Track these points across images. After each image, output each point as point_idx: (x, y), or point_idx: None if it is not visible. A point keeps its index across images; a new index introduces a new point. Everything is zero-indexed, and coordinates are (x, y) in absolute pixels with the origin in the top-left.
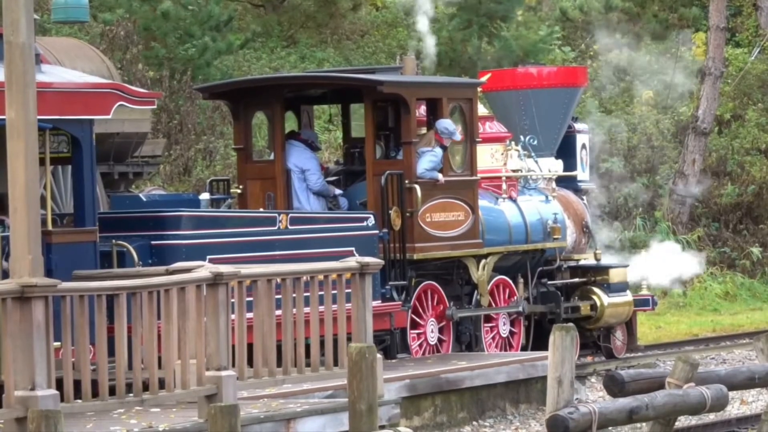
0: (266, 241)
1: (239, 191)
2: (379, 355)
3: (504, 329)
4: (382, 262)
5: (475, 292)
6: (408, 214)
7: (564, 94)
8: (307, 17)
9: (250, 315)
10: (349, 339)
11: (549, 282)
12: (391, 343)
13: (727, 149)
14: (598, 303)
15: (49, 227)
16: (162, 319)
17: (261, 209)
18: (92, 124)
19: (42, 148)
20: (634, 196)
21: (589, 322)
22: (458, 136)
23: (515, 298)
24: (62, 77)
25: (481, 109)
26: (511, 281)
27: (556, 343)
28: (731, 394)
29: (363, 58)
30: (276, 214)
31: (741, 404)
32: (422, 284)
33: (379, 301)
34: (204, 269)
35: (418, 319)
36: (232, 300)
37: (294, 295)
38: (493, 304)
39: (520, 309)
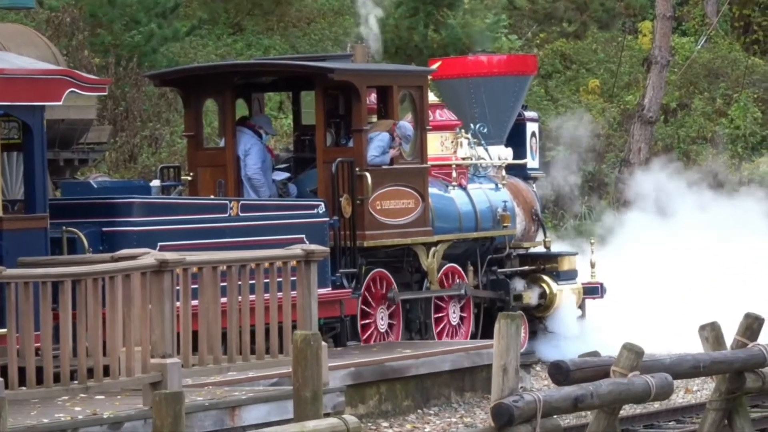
0: (217, 228)
1: (189, 178)
2: (324, 343)
3: (454, 317)
4: (327, 249)
5: (425, 279)
6: (358, 202)
7: (514, 83)
8: (254, 4)
9: (195, 302)
10: (294, 327)
11: (498, 270)
12: (341, 331)
13: (673, 138)
14: (548, 291)
15: (0, 214)
16: (107, 306)
17: (211, 196)
18: (43, 110)
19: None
20: (579, 185)
21: (539, 310)
22: (407, 148)
23: (457, 281)
24: (13, 63)
25: (432, 97)
26: (461, 269)
27: (501, 331)
28: (676, 382)
29: (309, 46)
30: (227, 202)
31: (686, 393)
32: (372, 272)
33: (329, 289)
34: (149, 256)
35: (367, 308)
36: (177, 287)
37: (239, 282)
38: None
39: (462, 292)
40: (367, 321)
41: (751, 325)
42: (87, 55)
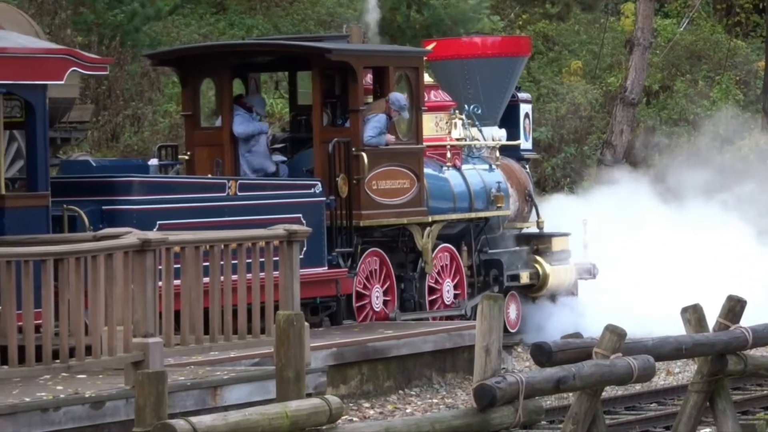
0: (216, 207)
1: (187, 158)
2: (306, 323)
3: (448, 296)
4: (309, 229)
5: (420, 259)
6: (355, 182)
7: (507, 64)
8: None
9: (177, 282)
10: (277, 307)
11: (492, 250)
12: (337, 310)
13: (655, 120)
14: (541, 271)
15: (2, 191)
16: (89, 285)
17: (209, 176)
18: (45, 89)
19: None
20: (561, 166)
21: (532, 290)
22: (407, 115)
23: (458, 300)
24: (16, 42)
25: (426, 78)
26: (455, 249)
27: (483, 312)
28: (658, 364)
29: (292, 26)
30: (225, 181)
31: (667, 375)
32: (368, 251)
33: (326, 268)
34: (131, 236)
35: (362, 290)
36: (160, 267)
37: (222, 262)
38: (438, 271)
39: (462, 312)
40: (362, 301)
41: (733, 308)
42: (70, 33)
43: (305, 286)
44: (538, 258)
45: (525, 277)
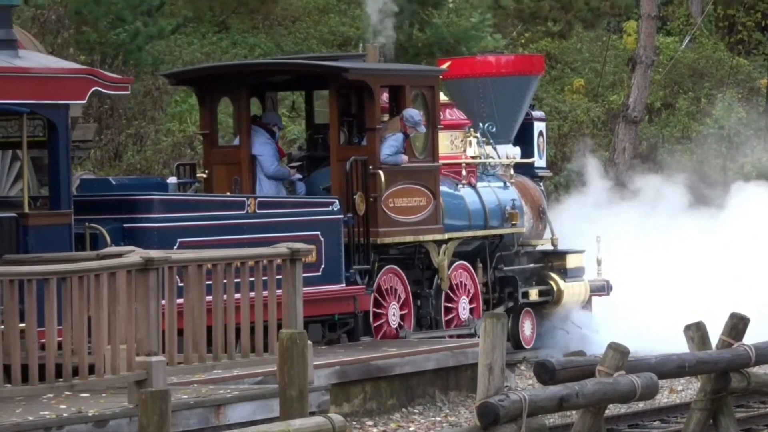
0: (235, 224)
1: (205, 176)
2: (309, 342)
3: (463, 313)
4: (312, 247)
5: (436, 276)
6: (372, 200)
7: (521, 82)
8: (239, 3)
9: (180, 300)
10: (280, 325)
11: (507, 267)
12: (355, 326)
13: (657, 138)
14: (555, 288)
15: (26, 210)
16: (92, 304)
17: (228, 193)
18: (68, 108)
19: (19, 132)
20: (564, 184)
21: (546, 306)
22: (422, 129)
23: (468, 318)
24: (39, 62)
25: (441, 97)
26: (470, 266)
27: (486, 330)
28: (661, 382)
29: (294, 44)
30: (244, 198)
31: (670, 393)
32: (385, 269)
33: (343, 285)
34: (134, 254)
35: (378, 306)
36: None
37: (225, 280)
38: (454, 288)
39: (472, 331)
40: (379, 317)
41: (736, 325)
42: (72, 52)
43: (323, 302)
44: (553, 275)
45: (534, 294)
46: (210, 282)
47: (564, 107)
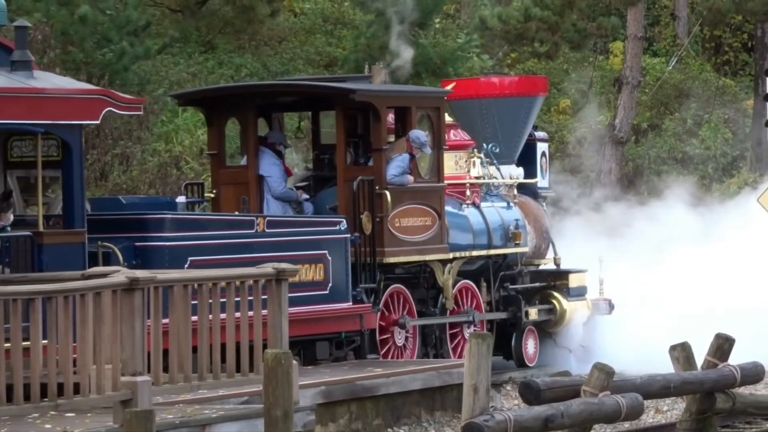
0: (245, 243)
1: (212, 196)
2: (294, 362)
3: (468, 333)
4: (298, 268)
5: (441, 295)
6: (378, 219)
7: (525, 103)
8: (225, 23)
9: (166, 320)
10: (265, 345)
11: (510, 286)
12: (361, 344)
13: (644, 158)
14: (558, 307)
15: (40, 228)
16: (77, 324)
17: (236, 213)
18: (82, 128)
19: (34, 152)
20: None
21: (549, 325)
22: (428, 150)
23: (465, 308)
24: (54, 83)
25: (446, 118)
26: (474, 285)
27: (472, 350)
28: (646, 402)
29: (281, 65)
30: (254, 218)
31: (656, 413)
32: (390, 287)
33: (350, 303)
34: (119, 274)
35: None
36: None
37: (210, 300)
38: (458, 308)
39: (470, 318)
40: (385, 336)
41: (721, 346)
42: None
43: (330, 320)
44: (556, 294)
45: (533, 314)
46: (196, 302)
47: (550, 128)
